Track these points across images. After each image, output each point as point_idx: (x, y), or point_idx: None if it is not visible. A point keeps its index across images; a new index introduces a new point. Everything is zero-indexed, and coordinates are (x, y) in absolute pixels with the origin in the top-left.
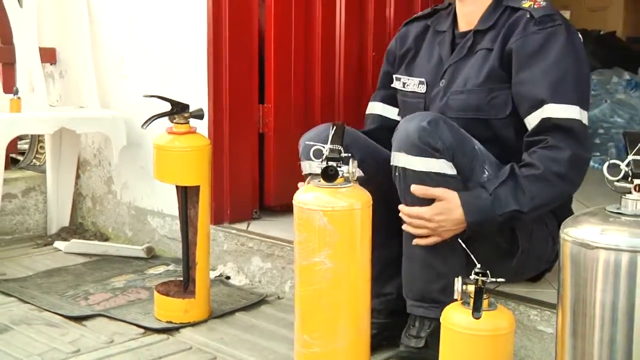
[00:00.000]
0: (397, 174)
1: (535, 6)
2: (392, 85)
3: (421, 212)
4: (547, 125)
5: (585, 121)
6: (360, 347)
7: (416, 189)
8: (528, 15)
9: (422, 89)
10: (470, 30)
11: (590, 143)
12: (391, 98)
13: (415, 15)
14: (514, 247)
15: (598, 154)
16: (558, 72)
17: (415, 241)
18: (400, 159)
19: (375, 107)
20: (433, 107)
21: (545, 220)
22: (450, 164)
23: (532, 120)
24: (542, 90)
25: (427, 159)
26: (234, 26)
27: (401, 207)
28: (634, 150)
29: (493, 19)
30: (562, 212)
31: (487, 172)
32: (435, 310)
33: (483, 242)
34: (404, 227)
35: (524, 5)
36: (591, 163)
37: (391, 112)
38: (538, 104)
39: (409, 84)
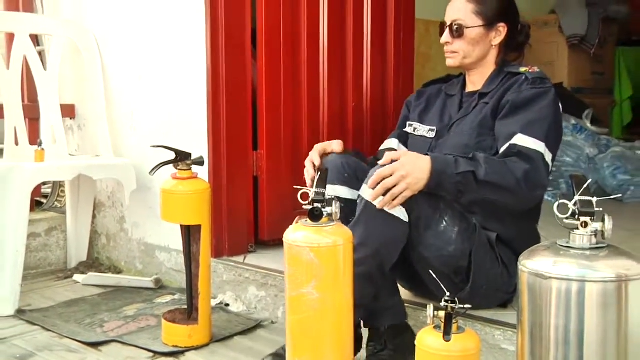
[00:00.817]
0: (359, 201)
1: (530, 71)
2: (404, 130)
3: (393, 164)
4: (512, 150)
5: (547, 158)
6: None
7: (384, 159)
8: (524, 77)
9: (432, 134)
10: (476, 91)
11: (547, 176)
12: (405, 139)
13: (433, 80)
14: (467, 281)
15: (551, 188)
16: (535, 117)
17: (392, 204)
18: (365, 192)
19: (392, 143)
20: (437, 150)
21: (501, 256)
22: (404, 210)
23: (501, 148)
24: (517, 126)
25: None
26: (230, 82)
27: (373, 180)
28: (580, 192)
29: (496, 83)
30: (519, 249)
31: (444, 223)
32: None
33: (443, 280)
34: (379, 204)
35: (521, 70)
36: (545, 197)
37: (404, 150)
38: (510, 136)
39: (419, 129)
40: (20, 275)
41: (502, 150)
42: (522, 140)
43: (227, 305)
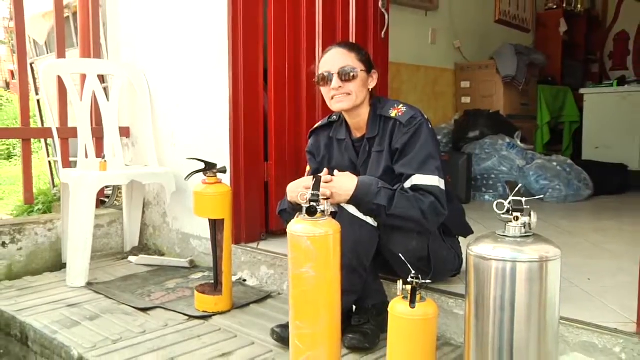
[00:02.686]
0: (338, 210)
1: (400, 114)
2: None
3: (337, 178)
4: (414, 189)
5: (442, 187)
6: (334, 330)
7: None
8: (398, 123)
9: None
10: (362, 136)
11: (445, 202)
12: None
13: (317, 126)
14: (430, 269)
15: (492, 191)
16: (422, 155)
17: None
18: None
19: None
20: None
21: (451, 244)
22: (372, 218)
23: (405, 187)
24: (412, 169)
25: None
26: (247, 109)
27: (325, 178)
28: (513, 194)
29: (376, 128)
30: (462, 232)
31: None
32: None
33: (411, 267)
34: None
35: (392, 115)
36: (486, 197)
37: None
38: (408, 177)
39: None
40: (89, 256)
41: (406, 187)
42: (419, 179)
43: (245, 280)
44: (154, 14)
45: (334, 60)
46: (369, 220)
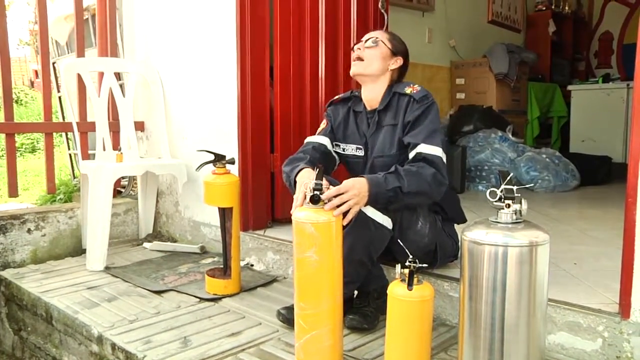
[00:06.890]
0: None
1: (414, 91)
2: (335, 150)
3: (346, 184)
4: (418, 158)
5: (444, 160)
6: (336, 311)
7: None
8: (412, 99)
9: (360, 153)
10: (374, 109)
11: (446, 174)
12: (333, 140)
13: (337, 98)
14: (435, 260)
15: (485, 181)
16: (430, 129)
17: (347, 217)
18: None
19: (324, 140)
20: (367, 166)
21: (450, 233)
22: (390, 220)
23: (410, 155)
24: (419, 138)
25: (377, 212)
26: (254, 104)
27: (329, 194)
28: (505, 183)
29: (387, 102)
30: (458, 218)
31: (420, 223)
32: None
33: (421, 260)
34: (336, 213)
35: (407, 92)
36: (480, 187)
37: (332, 151)
38: (415, 146)
39: (348, 149)
40: (107, 242)
41: (410, 156)
42: (425, 148)
43: (252, 265)
44: (166, 15)
45: (370, 34)
46: (386, 223)
